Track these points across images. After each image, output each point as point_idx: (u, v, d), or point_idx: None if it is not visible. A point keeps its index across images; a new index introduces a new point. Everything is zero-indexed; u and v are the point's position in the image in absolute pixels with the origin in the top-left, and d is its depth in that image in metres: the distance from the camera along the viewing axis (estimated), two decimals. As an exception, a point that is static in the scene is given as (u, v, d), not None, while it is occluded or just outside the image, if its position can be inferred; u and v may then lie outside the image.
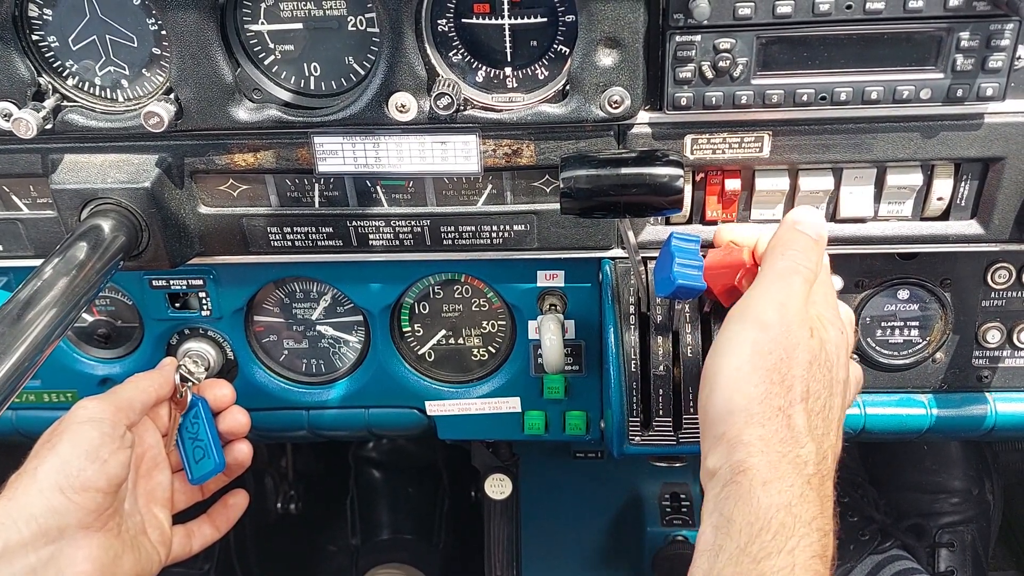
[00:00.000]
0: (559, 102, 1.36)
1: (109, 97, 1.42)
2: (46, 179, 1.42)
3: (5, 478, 1.23)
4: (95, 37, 1.37)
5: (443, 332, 1.70)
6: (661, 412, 1.41)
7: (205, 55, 1.32)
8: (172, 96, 1.37)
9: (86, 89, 1.42)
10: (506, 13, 1.33)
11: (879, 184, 1.44)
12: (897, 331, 1.62)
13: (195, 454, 1.47)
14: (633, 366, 1.43)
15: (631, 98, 1.33)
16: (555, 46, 1.36)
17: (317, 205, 1.49)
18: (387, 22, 1.29)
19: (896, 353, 1.64)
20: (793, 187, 1.44)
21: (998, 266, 1.56)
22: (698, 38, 1.29)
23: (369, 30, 1.35)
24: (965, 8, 1.25)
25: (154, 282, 1.63)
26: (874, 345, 1.63)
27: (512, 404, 1.70)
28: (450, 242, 1.51)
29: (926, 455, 2.38)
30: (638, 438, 1.42)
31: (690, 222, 1.50)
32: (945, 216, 1.47)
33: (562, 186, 1.27)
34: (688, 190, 1.44)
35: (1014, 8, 1.21)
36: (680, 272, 1.24)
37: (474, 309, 1.68)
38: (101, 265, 1.29)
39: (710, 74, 1.31)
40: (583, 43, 1.30)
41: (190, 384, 1.49)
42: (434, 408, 1.72)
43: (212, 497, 1.56)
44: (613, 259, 1.52)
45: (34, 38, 1.37)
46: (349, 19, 1.35)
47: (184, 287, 1.63)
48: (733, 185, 1.44)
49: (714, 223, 1.48)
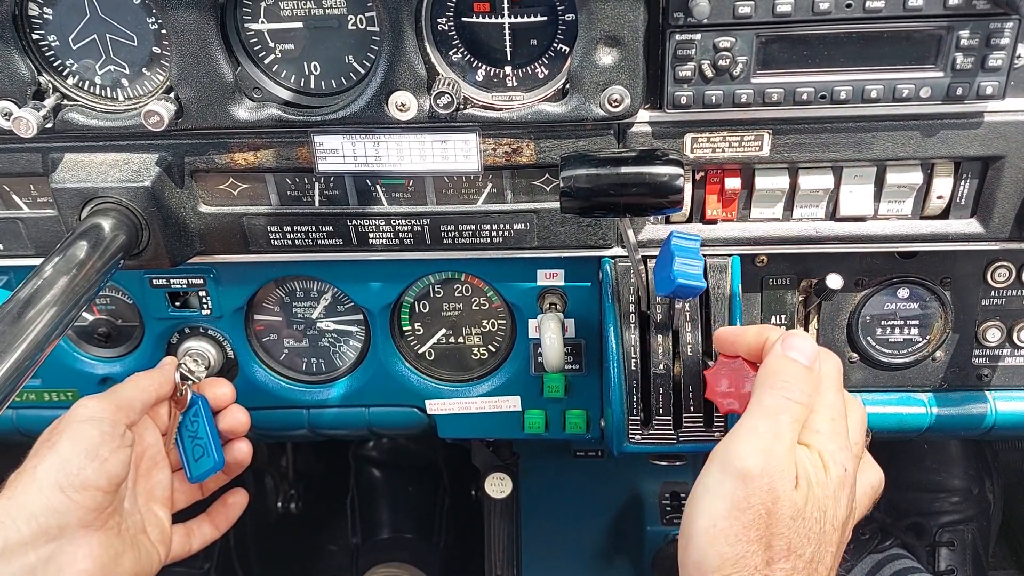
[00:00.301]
0: (559, 101, 1.36)
1: (109, 96, 1.42)
2: (46, 178, 1.42)
3: (5, 477, 1.22)
4: (95, 36, 1.37)
5: (443, 331, 1.70)
6: (661, 410, 1.41)
7: (205, 54, 1.32)
8: (172, 95, 1.37)
9: (86, 88, 1.42)
10: (506, 12, 1.33)
11: (879, 183, 1.44)
12: (897, 330, 1.62)
13: (194, 452, 1.47)
14: (633, 365, 1.43)
15: (631, 97, 1.33)
16: (555, 45, 1.36)
17: (317, 204, 1.49)
18: (387, 21, 1.29)
19: (896, 352, 1.64)
20: (793, 186, 1.44)
21: (998, 265, 1.56)
22: (698, 37, 1.29)
23: (369, 29, 1.35)
24: (965, 6, 1.25)
25: (154, 281, 1.63)
26: (874, 344, 1.63)
27: (512, 403, 1.70)
28: (450, 241, 1.51)
29: (926, 454, 2.38)
30: (638, 436, 1.42)
31: (690, 221, 1.50)
32: (945, 215, 1.47)
33: (562, 185, 1.27)
34: (688, 189, 1.45)
35: (1014, 7, 1.21)
36: (680, 271, 1.24)
37: (474, 308, 1.68)
38: (101, 264, 1.29)
39: (710, 73, 1.31)
40: (583, 42, 1.30)
41: (190, 383, 1.48)
42: (434, 407, 1.72)
43: (212, 496, 1.56)
44: (613, 258, 1.52)
45: (34, 37, 1.37)
46: (349, 18, 1.35)
47: (184, 286, 1.63)
48: (733, 184, 1.44)
49: (714, 222, 1.48)
